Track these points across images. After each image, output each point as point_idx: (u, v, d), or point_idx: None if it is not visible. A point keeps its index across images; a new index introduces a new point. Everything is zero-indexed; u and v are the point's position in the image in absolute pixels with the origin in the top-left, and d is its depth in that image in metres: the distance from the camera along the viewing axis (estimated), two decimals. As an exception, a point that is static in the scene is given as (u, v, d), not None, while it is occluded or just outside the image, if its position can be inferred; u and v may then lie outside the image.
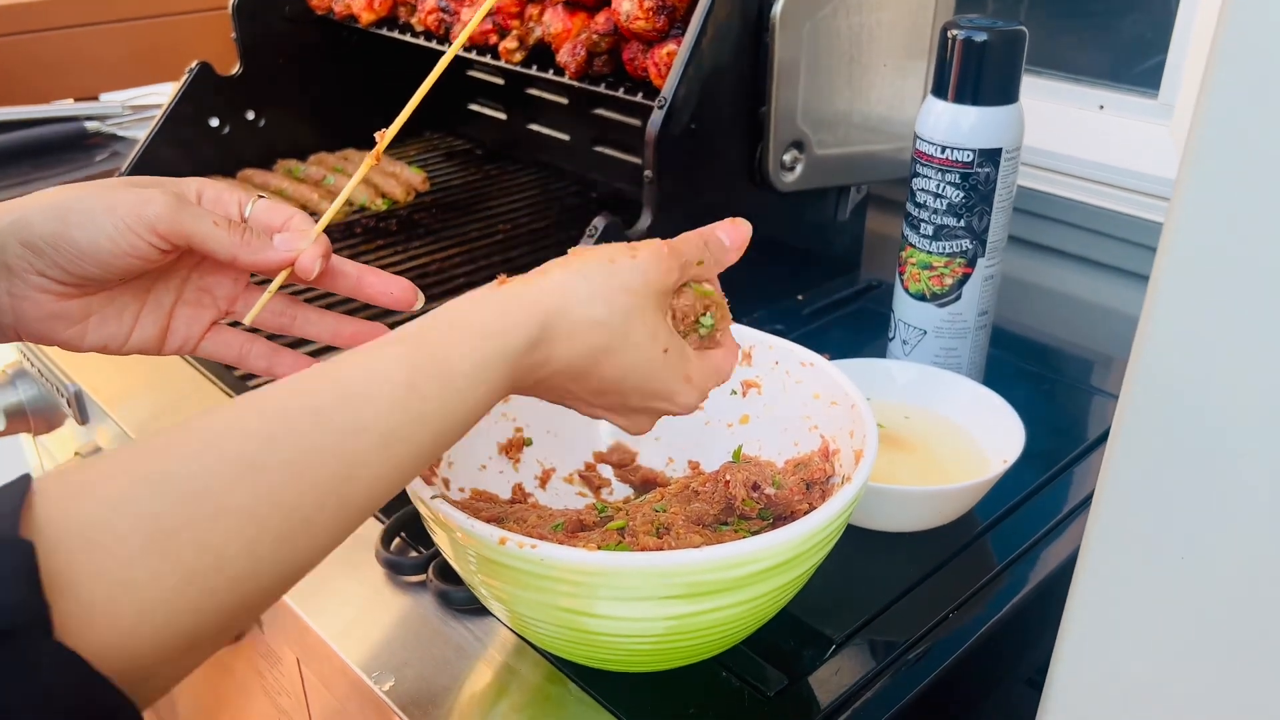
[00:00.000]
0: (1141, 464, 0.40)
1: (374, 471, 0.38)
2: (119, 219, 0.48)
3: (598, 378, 0.46)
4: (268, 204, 0.53)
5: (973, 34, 0.70)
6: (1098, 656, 0.44)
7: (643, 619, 0.47)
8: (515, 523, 0.54)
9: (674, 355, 0.47)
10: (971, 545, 0.66)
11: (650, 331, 0.46)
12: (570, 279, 0.44)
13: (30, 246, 0.48)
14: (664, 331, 0.47)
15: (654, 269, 0.46)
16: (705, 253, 0.49)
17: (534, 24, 0.94)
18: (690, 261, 0.48)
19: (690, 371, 0.49)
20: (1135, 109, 0.98)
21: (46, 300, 0.49)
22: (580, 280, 0.44)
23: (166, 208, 0.49)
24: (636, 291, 0.45)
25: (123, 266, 0.49)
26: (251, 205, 0.53)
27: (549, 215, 1.15)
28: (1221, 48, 0.33)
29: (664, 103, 0.75)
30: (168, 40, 1.52)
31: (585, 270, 0.45)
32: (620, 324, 0.45)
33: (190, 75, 1.13)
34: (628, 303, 0.45)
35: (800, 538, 0.47)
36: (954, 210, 0.73)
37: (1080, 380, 0.87)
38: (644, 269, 0.46)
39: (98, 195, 0.48)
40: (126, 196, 0.48)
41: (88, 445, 0.92)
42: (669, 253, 0.47)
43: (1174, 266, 0.37)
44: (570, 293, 0.44)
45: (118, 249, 0.48)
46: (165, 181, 0.52)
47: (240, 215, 0.53)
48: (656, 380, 0.47)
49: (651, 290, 0.46)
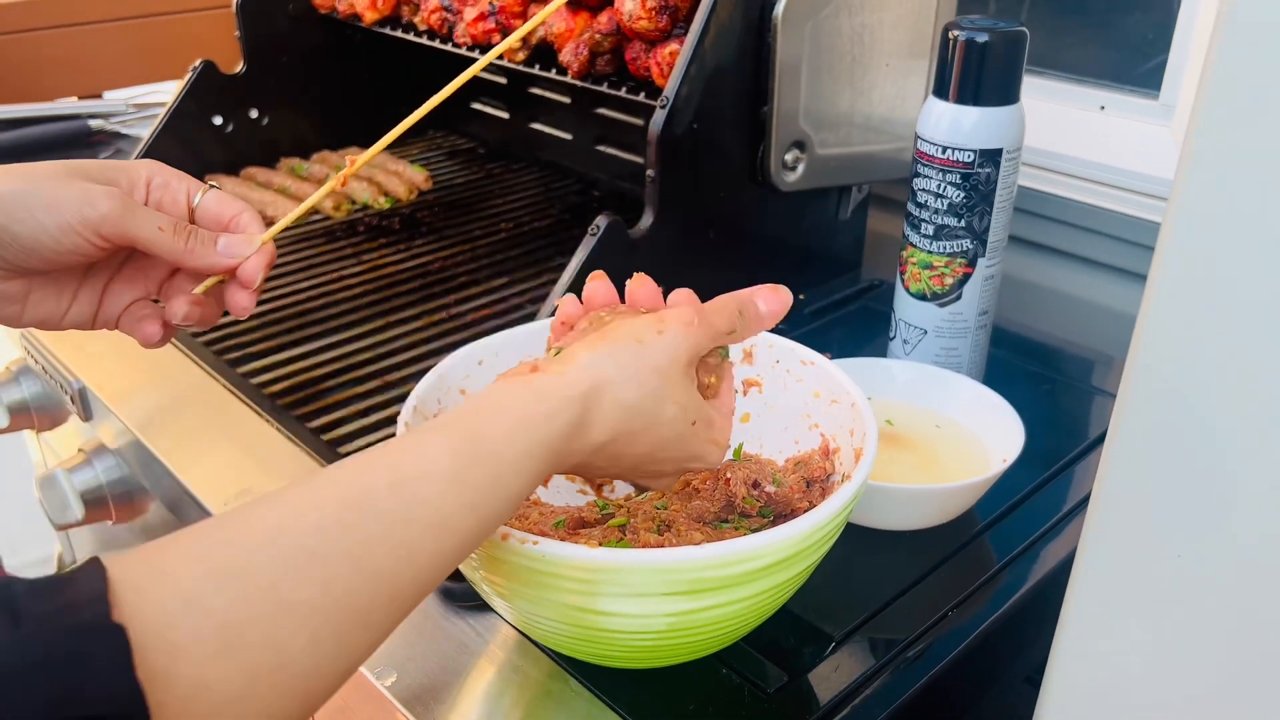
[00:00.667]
0: (1138, 463, 0.40)
1: (425, 562, 0.38)
2: (62, 219, 0.47)
3: (632, 455, 0.46)
4: (217, 196, 0.53)
5: (974, 34, 0.70)
6: (1095, 655, 0.44)
7: (644, 615, 0.47)
8: (517, 519, 0.54)
9: (701, 425, 0.48)
10: (971, 544, 0.67)
11: (681, 406, 0.46)
12: (601, 363, 0.44)
13: None
14: (693, 404, 0.47)
15: (683, 343, 0.46)
16: (738, 322, 0.49)
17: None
18: (721, 332, 0.48)
19: (716, 435, 0.49)
20: (1136, 110, 0.98)
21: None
22: (610, 365, 0.44)
23: (112, 210, 0.48)
24: (665, 371, 0.45)
25: (65, 261, 0.49)
26: (201, 196, 0.53)
27: (551, 214, 1.16)
28: (1219, 49, 0.33)
29: (666, 102, 0.75)
30: (172, 38, 1.52)
31: (614, 354, 0.44)
32: (651, 406, 0.45)
33: (194, 73, 1.13)
34: (657, 384, 0.45)
35: (800, 535, 0.47)
36: (955, 210, 0.74)
37: (1080, 380, 0.87)
38: (672, 345, 0.45)
39: (41, 189, 0.48)
40: (70, 194, 0.48)
41: (91, 442, 0.92)
42: (699, 325, 0.47)
43: (1171, 266, 0.37)
44: (602, 377, 0.43)
45: (60, 247, 0.48)
46: (113, 168, 0.51)
47: (189, 205, 0.53)
48: (687, 450, 0.48)
49: (680, 365, 0.46)
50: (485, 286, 0.99)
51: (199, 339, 0.89)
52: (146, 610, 0.31)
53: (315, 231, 1.10)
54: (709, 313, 0.48)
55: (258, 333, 0.90)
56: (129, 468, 0.87)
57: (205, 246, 0.51)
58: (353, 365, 0.85)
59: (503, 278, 1.00)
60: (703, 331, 0.47)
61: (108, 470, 0.90)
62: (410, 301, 0.95)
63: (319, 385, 0.83)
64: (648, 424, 0.45)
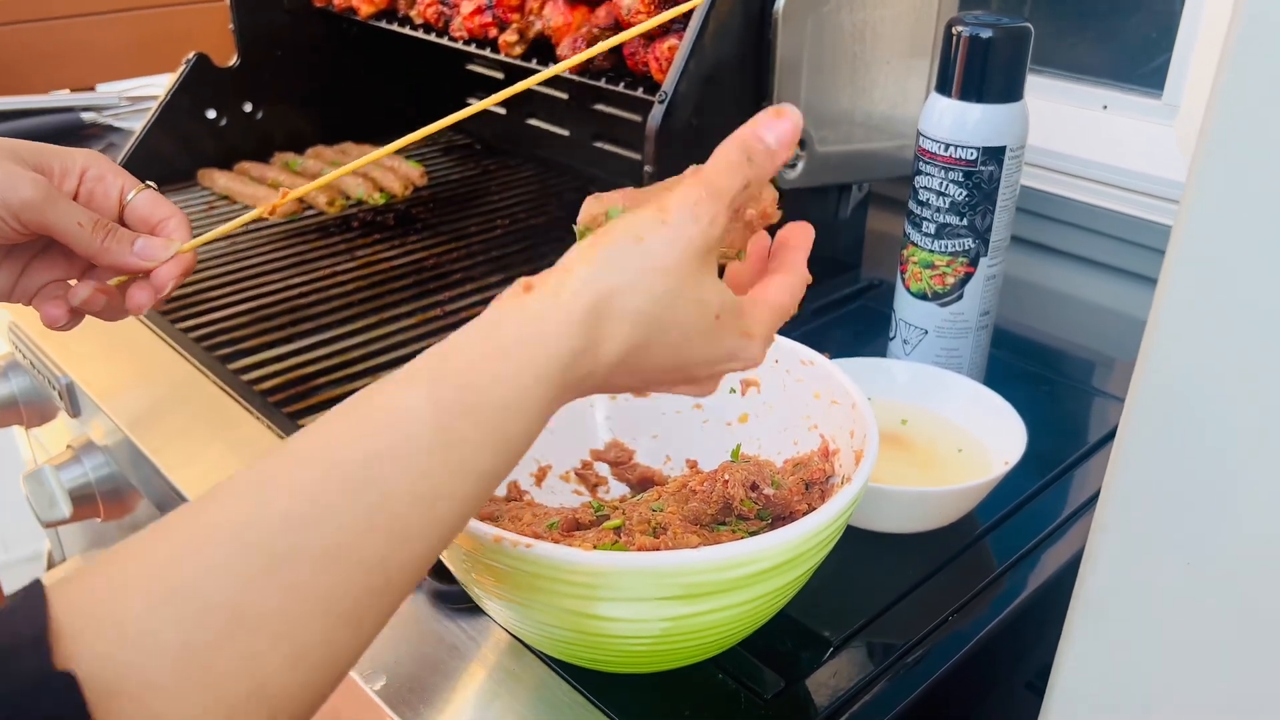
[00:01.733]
0: (1147, 469, 0.39)
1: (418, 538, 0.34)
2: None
3: (650, 366, 0.41)
4: (151, 197, 0.53)
5: (978, 30, 0.69)
6: (1101, 663, 0.44)
7: (638, 620, 0.46)
8: (510, 521, 0.53)
9: (727, 318, 0.42)
10: (972, 547, 0.66)
11: (697, 303, 0.40)
12: (599, 272, 0.38)
13: None
14: (714, 296, 0.41)
15: (691, 229, 0.40)
16: (750, 169, 0.42)
17: (534, 17, 0.93)
18: (735, 193, 0.41)
19: (748, 326, 0.43)
20: (1139, 109, 0.97)
21: None
22: (610, 272, 0.39)
23: (34, 198, 0.48)
24: (674, 269, 0.39)
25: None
26: (135, 194, 0.53)
27: (548, 210, 1.15)
28: (1233, 50, 0.33)
29: (664, 97, 0.74)
30: (165, 31, 1.51)
31: (613, 259, 0.39)
32: (663, 311, 0.39)
33: (187, 66, 1.12)
34: (668, 285, 0.39)
35: (799, 539, 0.46)
36: (957, 209, 0.73)
37: (1082, 381, 0.87)
38: (679, 236, 0.39)
39: None
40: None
41: (80, 438, 0.91)
42: (707, 197, 0.40)
43: (1182, 270, 0.36)
44: (602, 289, 0.38)
45: None
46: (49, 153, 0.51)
47: (120, 202, 0.53)
48: (715, 346, 0.42)
49: (694, 255, 0.40)
50: (480, 283, 0.97)
51: (190, 335, 0.88)
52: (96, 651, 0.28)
53: (308, 226, 1.09)
54: (713, 176, 0.41)
55: (249, 329, 0.89)
56: (117, 465, 0.86)
57: (121, 246, 0.51)
58: (345, 362, 0.84)
59: (498, 275, 0.99)
60: (714, 206, 0.40)
61: (96, 467, 0.89)
62: (404, 298, 0.94)
63: (311, 382, 0.81)
64: (663, 329, 0.40)
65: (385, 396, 0.35)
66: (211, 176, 1.16)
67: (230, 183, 1.14)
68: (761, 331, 0.44)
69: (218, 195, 1.14)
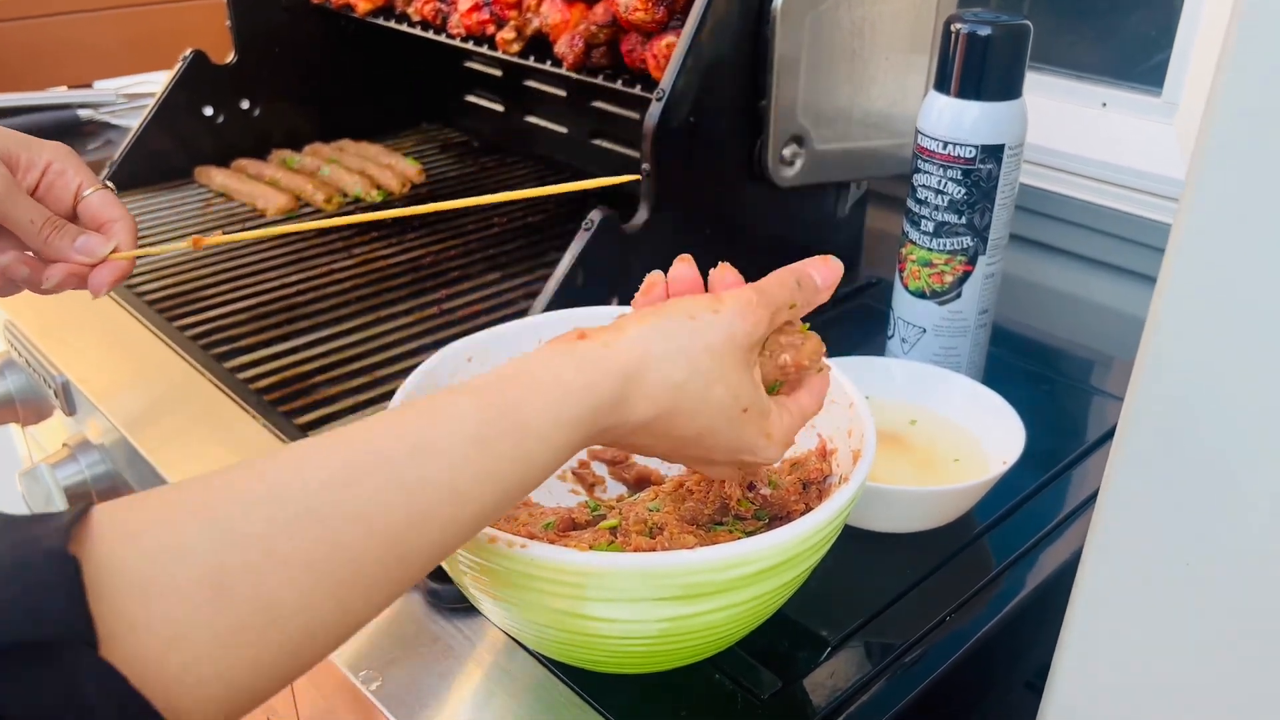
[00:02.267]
0: (1146, 469, 0.39)
1: (439, 527, 0.37)
2: None
3: (675, 437, 0.44)
4: (104, 197, 0.55)
5: (977, 28, 0.69)
6: (1099, 663, 0.43)
7: (634, 621, 0.46)
8: (506, 520, 0.53)
9: (754, 414, 0.45)
10: (970, 547, 0.65)
11: (733, 391, 0.44)
12: (649, 336, 0.42)
13: None
14: (747, 390, 0.45)
15: (739, 323, 0.44)
16: (797, 294, 0.47)
17: (532, 14, 0.92)
18: (781, 307, 0.46)
19: (770, 429, 0.47)
20: (1138, 107, 0.97)
21: None
22: (659, 339, 0.42)
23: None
24: (719, 351, 0.43)
25: None
26: (90, 192, 0.55)
27: (545, 209, 1.14)
28: (1233, 47, 0.32)
29: (662, 95, 0.74)
30: (163, 28, 1.51)
31: (665, 328, 0.42)
32: (700, 387, 0.43)
33: (184, 63, 1.12)
34: (709, 365, 0.43)
35: (796, 539, 0.46)
36: (955, 207, 0.72)
37: (1081, 380, 0.86)
38: (728, 325, 0.43)
39: None
40: None
41: (76, 436, 0.91)
42: (758, 302, 0.44)
43: (1182, 270, 0.36)
44: (649, 353, 0.42)
45: None
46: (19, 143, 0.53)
47: (76, 197, 0.55)
48: (736, 438, 0.45)
49: (737, 346, 0.44)
50: (477, 281, 0.97)
51: (186, 333, 0.88)
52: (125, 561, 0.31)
53: (306, 224, 1.08)
54: (766, 289, 0.45)
55: (245, 327, 0.89)
56: (113, 463, 0.86)
57: (64, 242, 0.53)
58: (342, 361, 0.84)
59: (495, 273, 0.99)
60: (762, 311, 0.44)
61: (92, 465, 0.89)
62: (401, 296, 0.94)
63: (307, 380, 0.81)
64: (695, 406, 0.43)
65: (443, 400, 0.39)
66: (209, 174, 1.15)
67: (227, 180, 1.13)
68: (781, 437, 0.47)
69: (215, 193, 1.14)
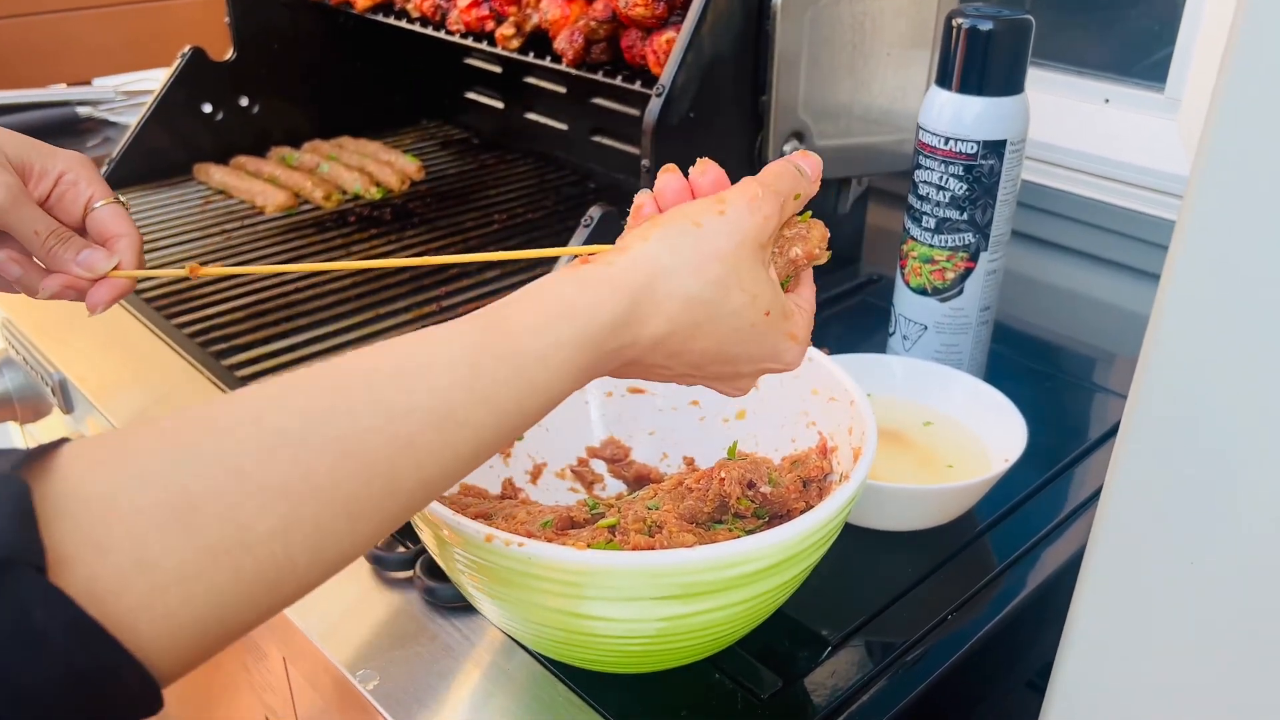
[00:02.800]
0: (1150, 468, 0.39)
1: (428, 455, 0.35)
2: None
3: (695, 352, 0.42)
4: (114, 211, 0.54)
5: (978, 22, 0.68)
6: (1103, 663, 0.43)
7: (633, 620, 0.46)
8: (504, 519, 0.52)
9: (776, 316, 0.43)
10: (971, 545, 0.65)
11: (750, 295, 0.41)
12: (654, 251, 0.40)
13: None
14: (766, 292, 0.42)
15: (749, 220, 0.41)
16: (800, 182, 0.44)
17: (531, 10, 0.92)
18: (788, 196, 0.43)
19: (794, 329, 0.44)
20: (1141, 103, 0.96)
21: None
22: (665, 252, 0.40)
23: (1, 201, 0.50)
24: (729, 257, 0.40)
25: None
26: (101, 205, 0.54)
27: (545, 205, 1.14)
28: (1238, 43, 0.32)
29: (662, 91, 0.73)
30: (161, 25, 1.51)
31: (669, 239, 0.40)
32: (715, 295, 0.40)
33: (183, 60, 1.12)
34: (721, 272, 0.40)
35: (796, 538, 0.45)
36: (957, 203, 0.72)
37: (1083, 377, 0.86)
38: (737, 225, 0.41)
39: None
40: None
41: (74, 434, 0.90)
42: (764, 195, 0.42)
43: (1185, 267, 0.35)
44: (655, 267, 0.40)
45: None
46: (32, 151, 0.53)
47: (85, 208, 0.54)
48: (760, 345, 0.43)
49: (748, 247, 0.41)
50: (477, 279, 0.97)
51: (184, 330, 0.87)
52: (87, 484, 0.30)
53: (304, 222, 1.08)
54: (768, 178, 0.43)
55: (244, 324, 0.89)
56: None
57: (67, 254, 0.53)
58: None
59: (495, 270, 0.98)
60: (770, 204, 0.42)
61: (90, 464, 0.88)
62: (400, 294, 0.94)
63: (306, 378, 0.81)
64: (712, 315, 0.41)
65: (435, 327, 0.38)
66: (207, 171, 1.15)
67: (226, 177, 1.13)
68: (804, 336, 0.45)
69: (214, 190, 1.14)
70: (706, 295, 0.40)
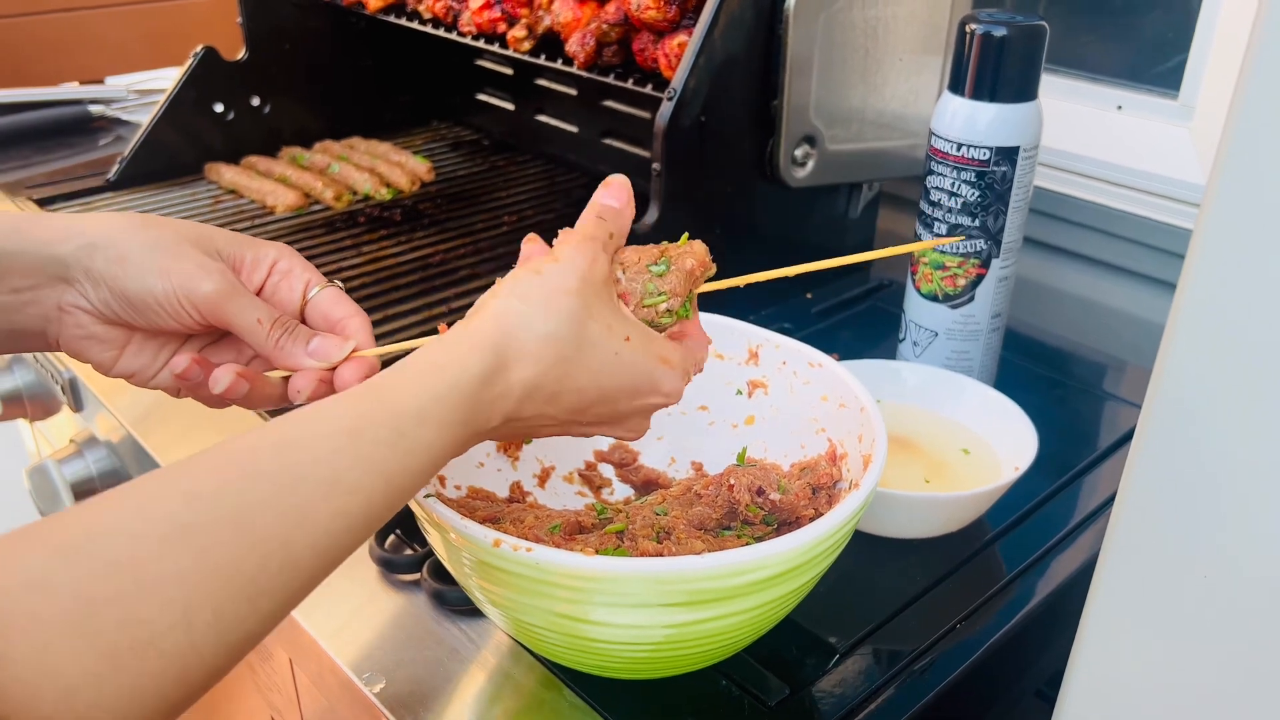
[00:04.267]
0: (1163, 477, 0.38)
1: (321, 525, 0.36)
2: (170, 287, 0.47)
3: (572, 391, 0.44)
4: (333, 295, 0.51)
5: (992, 28, 0.68)
6: (1114, 673, 0.43)
7: (641, 626, 0.45)
8: (512, 523, 0.52)
9: (639, 340, 0.45)
10: (981, 553, 0.65)
11: (605, 324, 0.44)
12: (506, 303, 0.43)
13: (90, 276, 0.47)
14: (619, 319, 0.45)
15: (581, 260, 0.44)
16: (609, 225, 0.47)
17: (543, 12, 0.92)
18: (605, 240, 0.46)
19: (663, 352, 0.46)
20: (1154, 110, 0.96)
21: (90, 321, 0.49)
22: (516, 301, 0.43)
23: (215, 293, 0.47)
24: (574, 290, 0.43)
25: (165, 326, 0.48)
26: (318, 290, 0.51)
27: (555, 207, 1.14)
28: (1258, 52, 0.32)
29: (673, 94, 0.73)
30: (174, 24, 1.51)
31: (517, 289, 0.43)
32: (571, 329, 0.43)
33: (195, 60, 1.12)
34: (571, 304, 0.43)
35: (805, 545, 0.45)
36: (969, 209, 0.72)
37: (1094, 385, 0.86)
38: (572, 266, 0.44)
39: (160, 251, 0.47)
40: (184, 265, 0.47)
41: (83, 432, 0.90)
42: (583, 240, 0.45)
43: (1202, 274, 0.35)
44: (511, 314, 0.42)
45: (163, 311, 0.48)
46: (245, 244, 0.50)
47: (303, 297, 0.51)
48: (632, 371, 0.45)
49: (590, 284, 0.44)
50: (487, 280, 0.97)
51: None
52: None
53: (315, 222, 1.08)
54: (579, 229, 0.47)
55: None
56: (120, 459, 0.86)
57: (296, 345, 0.49)
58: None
59: (504, 272, 0.98)
60: (592, 245, 0.45)
61: (98, 461, 0.89)
62: (410, 294, 0.94)
63: (314, 379, 0.81)
64: (576, 350, 0.43)
65: (305, 408, 0.38)
66: (218, 170, 1.15)
67: (237, 177, 1.13)
68: (680, 363, 0.47)
69: (224, 189, 1.14)
70: (563, 331, 0.43)
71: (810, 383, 0.60)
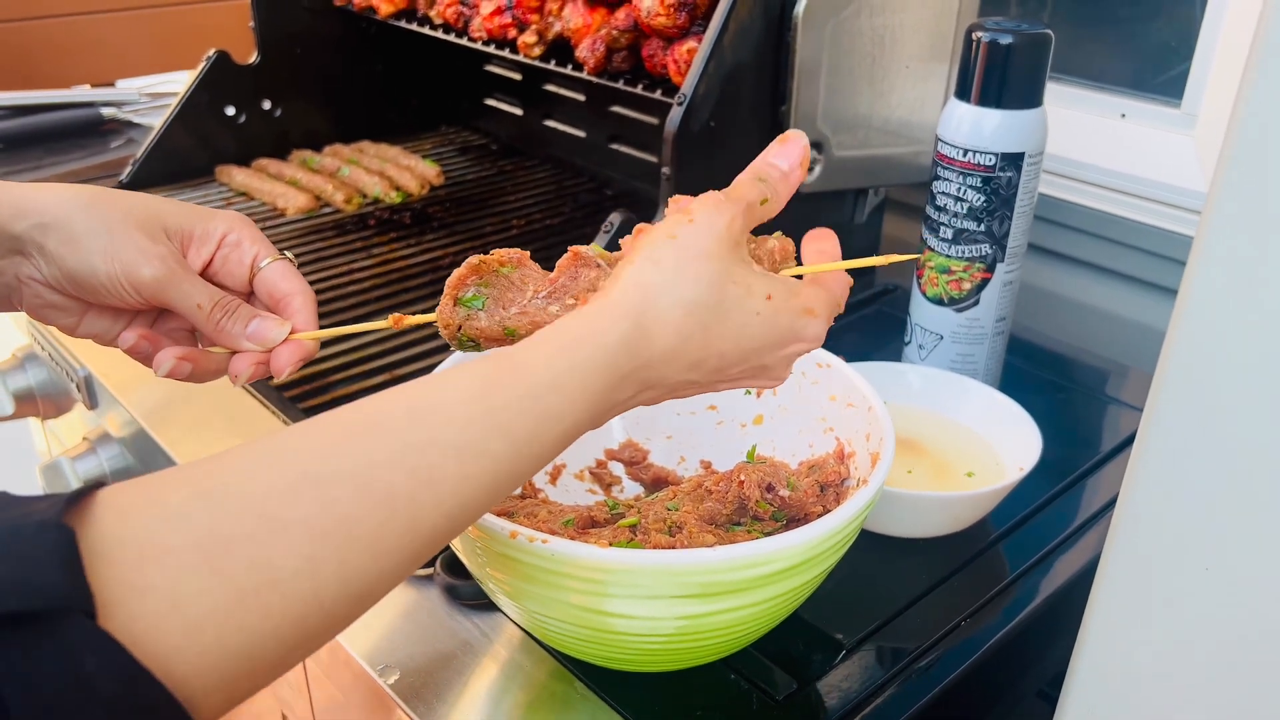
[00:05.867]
0: (1165, 478, 0.39)
1: (447, 488, 0.36)
2: (114, 268, 0.48)
3: (715, 355, 0.42)
4: (281, 269, 0.52)
5: (998, 36, 0.69)
6: (1116, 672, 0.43)
7: (653, 618, 0.46)
8: (525, 517, 0.53)
9: (780, 296, 0.44)
10: (985, 553, 0.66)
11: (745, 286, 0.43)
12: (641, 270, 0.41)
13: (43, 254, 0.48)
14: (758, 279, 0.43)
15: (719, 221, 0.43)
16: (765, 188, 0.45)
17: (553, 18, 0.93)
18: (753, 203, 0.45)
19: (808, 303, 0.45)
20: (1157, 118, 0.97)
21: (47, 292, 0.50)
22: (652, 267, 0.41)
23: (154, 280, 0.48)
24: (713, 254, 0.42)
25: (109, 302, 0.50)
26: (267, 263, 0.52)
27: (563, 212, 1.15)
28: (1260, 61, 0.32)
29: (683, 100, 0.74)
30: (186, 28, 1.52)
31: (653, 255, 0.42)
32: (711, 295, 0.41)
33: (207, 63, 1.13)
34: (710, 269, 0.41)
35: (814, 540, 0.46)
36: (974, 214, 0.73)
37: (1096, 389, 0.86)
38: (709, 228, 0.42)
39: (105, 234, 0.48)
40: (127, 247, 0.48)
41: (96, 430, 0.91)
42: (725, 200, 0.44)
43: (1203, 281, 0.36)
44: (647, 283, 0.41)
45: (107, 291, 0.49)
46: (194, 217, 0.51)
47: (252, 269, 0.52)
48: (774, 327, 0.43)
49: (725, 245, 0.42)
50: (496, 283, 0.97)
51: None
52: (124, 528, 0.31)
53: (325, 224, 1.09)
54: (729, 189, 0.45)
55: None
56: (133, 457, 0.87)
57: (236, 327, 0.50)
58: (361, 359, 0.85)
59: (513, 274, 0.99)
60: (732, 206, 0.43)
61: (112, 459, 0.89)
62: (420, 296, 0.95)
63: (326, 379, 0.82)
64: (717, 315, 0.42)
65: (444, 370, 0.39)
66: (229, 173, 1.16)
67: (248, 180, 1.14)
68: (824, 309, 0.45)
69: (235, 192, 1.15)
70: (704, 297, 0.41)
71: (819, 383, 0.61)
